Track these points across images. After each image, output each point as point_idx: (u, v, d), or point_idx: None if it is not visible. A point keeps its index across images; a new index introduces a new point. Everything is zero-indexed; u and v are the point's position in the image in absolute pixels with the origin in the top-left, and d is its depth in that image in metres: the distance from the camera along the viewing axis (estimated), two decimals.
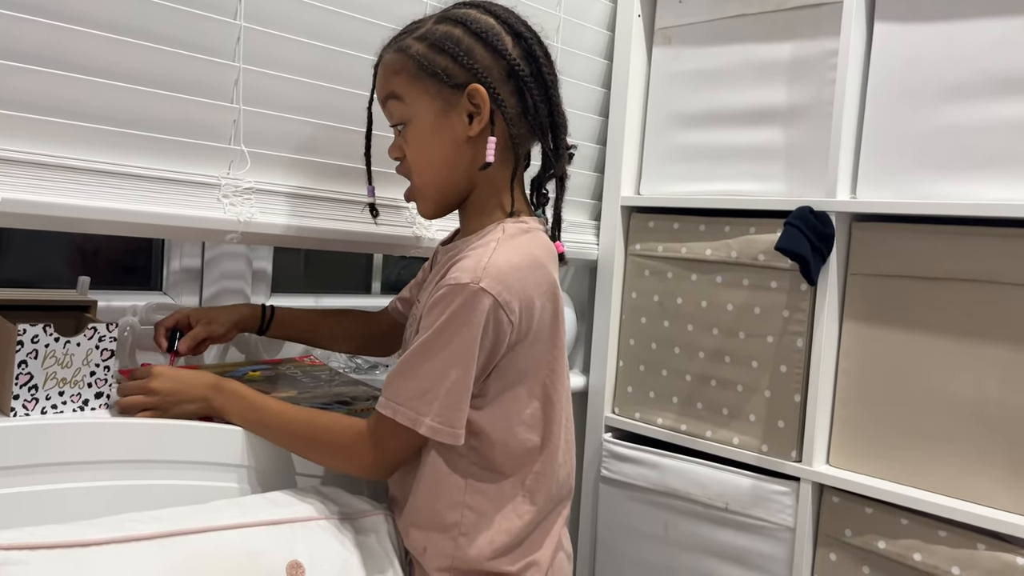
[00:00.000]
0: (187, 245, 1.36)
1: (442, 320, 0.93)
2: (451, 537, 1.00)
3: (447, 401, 0.93)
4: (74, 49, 0.95)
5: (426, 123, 1.00)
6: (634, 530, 1.54)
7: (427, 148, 1.01)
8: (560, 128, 1.05)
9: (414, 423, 0.94)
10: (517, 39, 1.01)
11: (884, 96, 1.28)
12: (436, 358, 0.93)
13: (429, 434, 0.94)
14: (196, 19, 1.04)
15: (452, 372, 0.93)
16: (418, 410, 0.94)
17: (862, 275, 1.30)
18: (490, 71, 0.98)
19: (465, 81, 0.97)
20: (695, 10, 1.53)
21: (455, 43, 0.98)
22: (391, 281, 1.79)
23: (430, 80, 0.98)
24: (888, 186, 1.28)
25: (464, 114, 0.99)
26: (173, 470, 0.98)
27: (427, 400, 0.93)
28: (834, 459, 1.32)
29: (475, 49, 0.98)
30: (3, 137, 0.91)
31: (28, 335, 0.92)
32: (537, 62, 1.02)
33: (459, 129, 0.99)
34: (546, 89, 1.02)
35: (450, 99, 0.99)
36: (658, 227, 1.54)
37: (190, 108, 1.05)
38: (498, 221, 1.02)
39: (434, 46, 0.98)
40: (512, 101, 1.00)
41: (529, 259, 0.97)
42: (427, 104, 0.99)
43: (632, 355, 1.58)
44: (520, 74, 0.99)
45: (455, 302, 0.92)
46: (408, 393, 0.94)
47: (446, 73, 0.98)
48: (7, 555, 0.78)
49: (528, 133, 1.03)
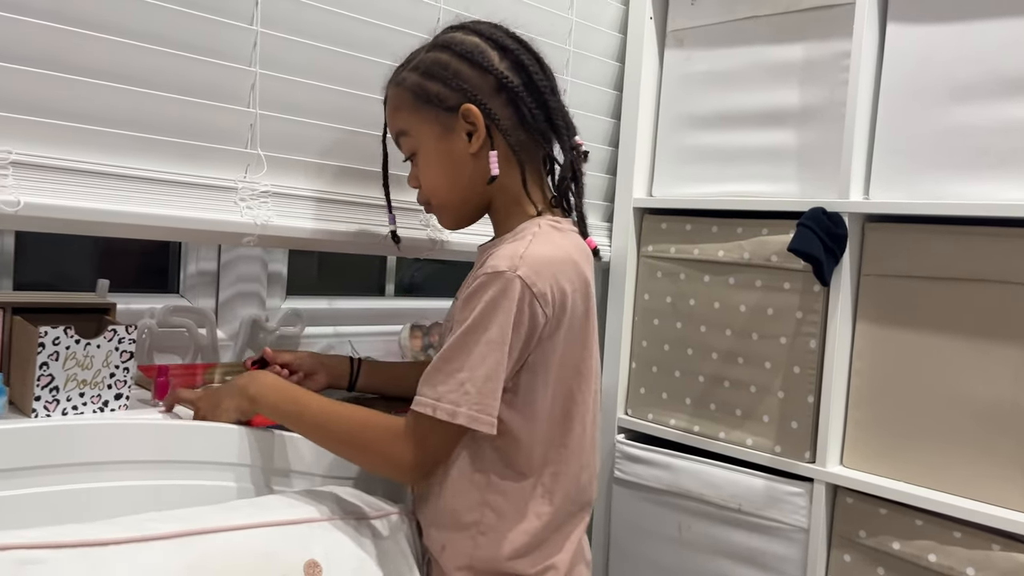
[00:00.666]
0: (203, 248, 1.38)
1: (479, 309, 0.93)
2: (470, 536, 1.01)
3: (484, 388, 0.93)
4: (93, 55, 0.96)
5: (431, 149, 1.05)
6: (648, 531, 1.54)
7: (436, 172, 1.06)
8: (561, 130, 1.07)
9: (452, 415, 0.93)
10: (503, 52, 1.04)
11: (897, 97, 1.28)
12: (474, 348, 0.93)
13: (467, 423, 0.93)
14: (213, 25, 1.06)
15: (489, 359, 0.93)
16: (456, 402, 0.93)
17: (875, 276, 1.30)
18: (480, 88, 1.01)
19: (458, 102, 1.01)
20: (707, 12, 1.53)
21: (443, 68, 1.02)
22: (404, 283, 1.80)
23: (427, 108, 1.03)
24: (901, 187, 1.27)
25: (463, 133, 1.02)
26: (192, 470, 0.99)
27: (465, 391, 0.93)
28: (848, 460, 1.32)
29: (462, 70, 1.02)
30: (24, 142, 0.92)
31: (49, 337, 0.94)
32: (526, 71, 1.04)
33: (461, 148, 1.03)
34: (540, 95, 1.05)
35: (447, 122, 1.03)
36: (670, 228, 1.54)
37: (208, 113, 1.06)
38: (532, 218, 1.04)
39: (425, 74, 1.03)
40: (507, 113, 1.03)
41: (563, 254, 0.99)
42: (429, 131, 1.04)
43: (645, 356, 1.58)
44: (510, 86, 1.02)
45: (491, 289, 0.93)
46: (446, 388, 0.94)
47: (439, 98, 1.02)
48: (27, 554, 0.79)
49: (530, 139, 1.05)
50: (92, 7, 0.96)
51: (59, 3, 0.94)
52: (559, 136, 1.07)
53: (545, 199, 1.08)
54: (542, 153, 1.08)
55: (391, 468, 1.00)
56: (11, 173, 0.90)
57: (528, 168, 1.04)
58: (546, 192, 1.09)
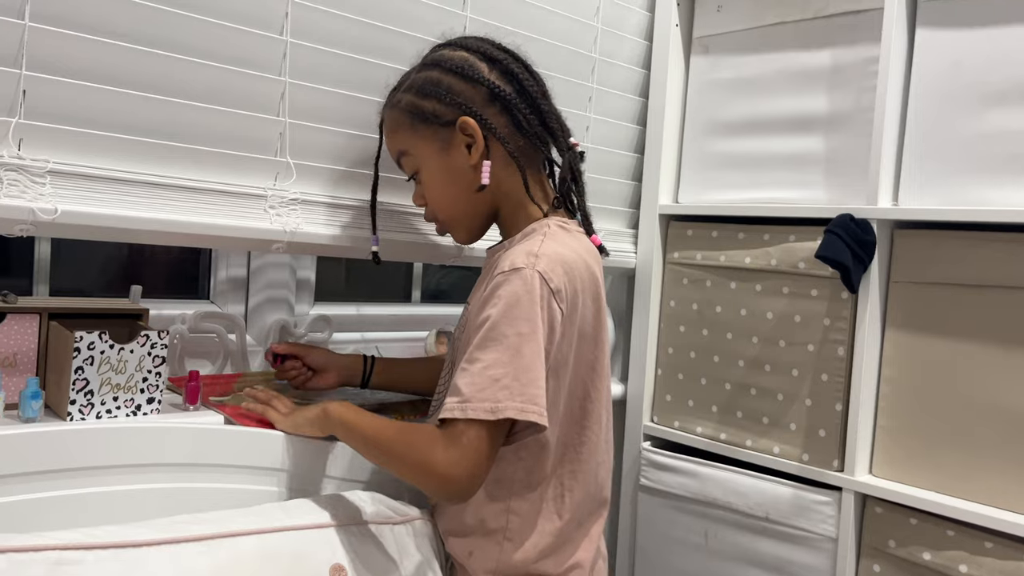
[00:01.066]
0: (233, 255, 1.40)
1: (500, 305, 0.93)
2: (496, 541, 1.01)
3: (526, 379, 0.91)
4: (127, 66, 0.98)
5: (434, 165, 1.07)
6: (674, 539, 1.53)
7: (441, 187, 1.08)
8: (556, 133, 1.09)
9: (493, 412, 0.90)
10: (492, 64, 1.06)
11: (926, 102, 1.27)
12: (503, 344, 0.92)
13: (518, 415, 0.90)
14: (244, 36, 1.07)
15: (525, 350, 0.92)
16: (495, 398, 0.90)
17: (904, 283, 1.29)
18: (473, 100, 1.03)
19: (453, 117, 1.03)
20: (733, 19, 1.53)
21: (435, 85, 1.04)
22: (431, 290, 1.81)
23: (424, 126, 1.05)
24: (931, 193, 1.26)
25: (462, 146, 1.04)
26: (222, 474, 1.00)
27: (502, 385, 0.91)
28: (877, 469, 1.31)
29: (454, 84, 1.04)
30: (61, 151, 0.94)
31: (85, 342, 0.96)
32: (517, 79, 1.06)
33: (462, 161, 1.05)
34: (532, 100, 1.07)
35: (446, 137, 1.04)
36: (696, 235, 1.54)
37: (238, 122, 1.08)
38: (539, 219, 1.06)
39: (419, 93, 1.05)
40: (502, 121, 1.05)
41: (574, 254, 1.01)
42: (429, 148, 1.06)
43: (671, 363, 1.57)
44: (501, 95, 1.04)
45: (512, 285, 0.94)
46: (476, 388, 0.91)
47: (435, 114, 1.04)
48: (63, 555, 0.81)
49: (529, 146, 1.07)
50: (127, 20, 0.98)
51: (96, 17, 0.96)
52: (555, 139, 1.09)
53: (548, 201, 1.09)
54: (541, 157, 1.10)
55: (436, 480, 0.92)
56: (49, 181, 0.92)
57: (529, 172, 1.06)
58: (549, 194, 1.11)
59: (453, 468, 0.91)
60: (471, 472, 0.91)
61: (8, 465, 0.87)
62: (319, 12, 1.14)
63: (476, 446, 0.91)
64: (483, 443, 0.91)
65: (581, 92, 1.53)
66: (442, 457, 0.91)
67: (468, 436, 0.91)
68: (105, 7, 0.96)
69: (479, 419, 0.90)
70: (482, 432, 0.91)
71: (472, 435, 0.91)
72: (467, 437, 0.91)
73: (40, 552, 0.79)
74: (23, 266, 1.28)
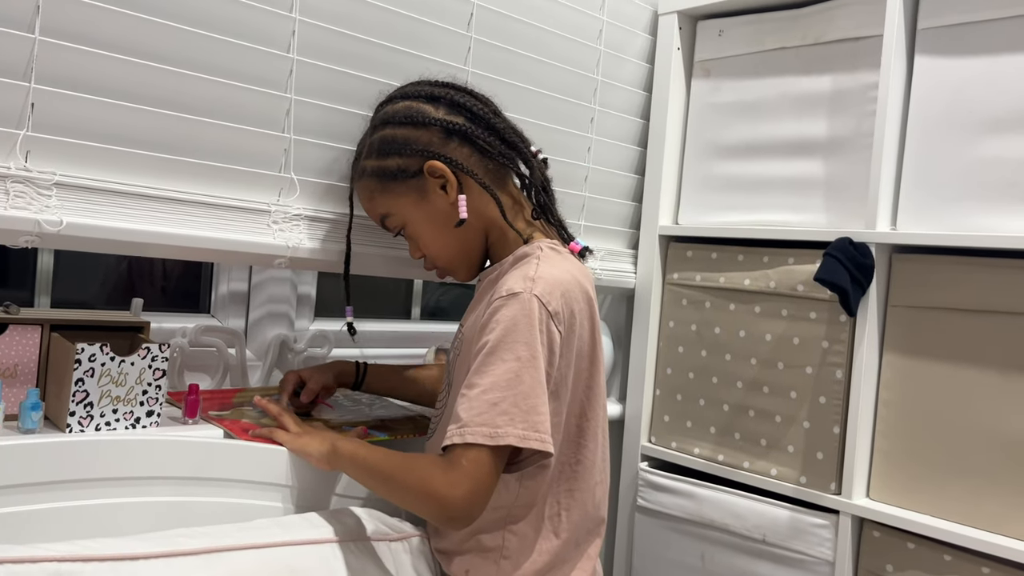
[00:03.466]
0: (235, 270, 1.40)
1: (499, 330, 0.94)
2: (493, 560, 1.01)
3: (526, 405, 0.92)
4: (134, 80, 0.99)
5: (417, 217, 1.08)
6: (670, 560, 1.53)
7: (430, 234, 1.09)
8: (518, 146, 1.10)
9: (492, 438, 0.90)
10: (435, 102, 1.08)
11: (925, 128, 1.29)
12: (500, 368, 0.93)
13: (518, 443, 0.91)
14: (252, 53, 1.09)
15: (524, 376, 0.92)
16: (493, 423, 0.91)
17: (903, 307, 1.29)
18: (431, 143, 1.05)
19: (419, 165, 1.05)
20: (734, 43, 1.54)
21: (391, 141, 1.06)
22: (430, 307, 1.82)
23: (395, 183, 1.07)
24: (929, 218, 1.27)
25: (437, 189, 1.06)
26: (220, 488, 1.00)
27: (501, 410, 0.91)
28: (875, 492, 1.31)
29: (408, 134, 1.06)
30: (66, 164, 0.95)
31: (86, 354, 0.96)
32: (464, 108, 1.08)
33: (441, 203, 1.06)
34: (486, 122, 1.08)
35: (419, 186, 1.06)
36: (696, 256, 1.55)
37: (244, 137, 1.09)
38: (532, 241, 1.07)
39: (380, 154, 1.07)
40: (465, 152, 1.06)
41: (568, 276, 1.01)
42: (407, 202, 1.08)
43: (669, 384, 1.58)
44: (455, 128, 1.06)
45: (511, 311, 0.95)
46: (473, 412, 0.92)
47: (401, 169, 1.06)
48: (61, 567, 0.81)
49: (497, 167, 1.08)
50: (136, 35, 0.99)
51: (105, 32, 0.97)
52: (518, 151, 1.10)
53: (526, 218, 1.11)
54: (510, 174, 1.11)
55: (435, 503, 0.92)
56: (55, 194, 0.93)
57: (502, 195, 1.07)
58: (526, 208, 1.12)
59: (452, 490, 0.90)
60: (470, 495, 0.91)
61: (7, 476, 0.87)
62: (325, 31, 1.16)
63: (475, 470, 0.91)
64: (482, 467, 0.91)
65: (583, 114, 1.54)
66: (441, 480, 0.91)
67: (467, 459, 0.91)
68: (114, 23, 0.97)
69: (477, 443, 0.91)
70: (481, 456, 0.91)
71: (471, 458, 0.91)
72: (466, 460, 0.91)
73: (38, 564, 0.79)
74: (24, 278, 1.29)
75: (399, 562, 1.04)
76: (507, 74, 1.37)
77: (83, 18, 0.95)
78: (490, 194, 1.06)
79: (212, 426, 1.08)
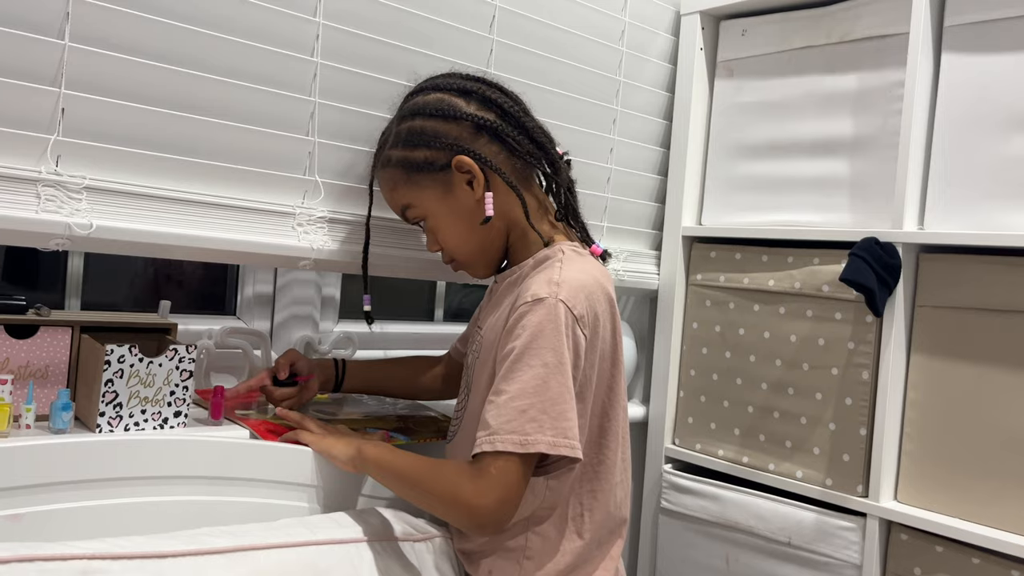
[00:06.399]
0: (260, 272, 1.41)
1: (525, 336, 0.94)
2: (515, 560, 1.01)
3: (555, 412, 0.92)
4: (162, 85, 1.01)
5: (440, 210, 1.07)
6: (694, 563, 1.52)
7: (452, 229, 1.08)
8: (545, 145, 1.09)
9: (522, 445, 0.91)
10: (467, 96, 1.06)
11: (952, 126, 1.27)
12: (528, 375, 0.93)
13: (549, 450, 0.91)
14: (277, 57, 1.10)
15: (552, 383, 0.93)
16: (523, 431, 0.91)
17: (930, 307, 1.28)
18: (460, 137, 1.04)
19: (447, 159, 1.04)
20: (758, 43, 1.53)
21: (420, 133, 1.05)
22: (453, 308, 1.82)
23: (421, 175, 1.05)
24: (957, 217, 1.26)
25: (463, 184, 1.05)
26: (247, 488, 1.01)
27: (529, 417, 0.91)
28: (902, 495, 1.29)
29: (438, 127, 1.04)
30: (95, 168, 0.96)
31: (115, 355, 0.98)
32: (496, 104, 1.07)
33: (466, 199, 1.05)
34: (516, 120, 1.07)
35: (445, 180, 1.05)
36: (720, 257, 1.54)
37: (269, 141, 1.10)
38: (553, 244, 1.06)
39: (407, 145, 1.06)
40: (494, 149, 1.05)
41: (591, 279, 1.01)
42: (431, 195, 1.06)
43: (693, 386, 1.57)
44: (486, 124, 1.05)
45: (537, 316, 0.94)
46: (502, 420, 0.92)
47: (428, 162, 1.05)
48: (90, 564, 0.82)
49: (524, 166, 1.08)
50: (164, 41, 1.01)
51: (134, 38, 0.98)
52: (545, 152, 1.09)
53: (549, 219, 1.10)
54: (535, 174, 1.11)
55: (464, 511, 0.93)
56: (85, 197, 0.95)
57: (527, 194, 1.07)
58: (549, 209, 1.11)
59: (480, 498, 0.91)
60: (499, 502, 0.91)
61: (38, 475, 0.88)
62: (349, 34, 1.16)
63: (504, 477, 0.91)
64: (511, 475, 0.92)
65: (605, 115, 1.54)
66: (470, 488, 0.92)
67: (496, 467, 0.91)
68: (142, 28, 0.99)
69: (507, 451, 0.91)
70: (510, 464, 0.92)
71: (500, 466, 0.91)
72: (495, 468, 0.91)
73: (68, 561, 0.80)
74: (55, 280, 1.31)
75: (422, 562, 1.05)
76: (529, 76, 1.38)
77: (112, 24, 0.97)
78: (516, 194, 1.05)
79: (238, 426, 1.09)
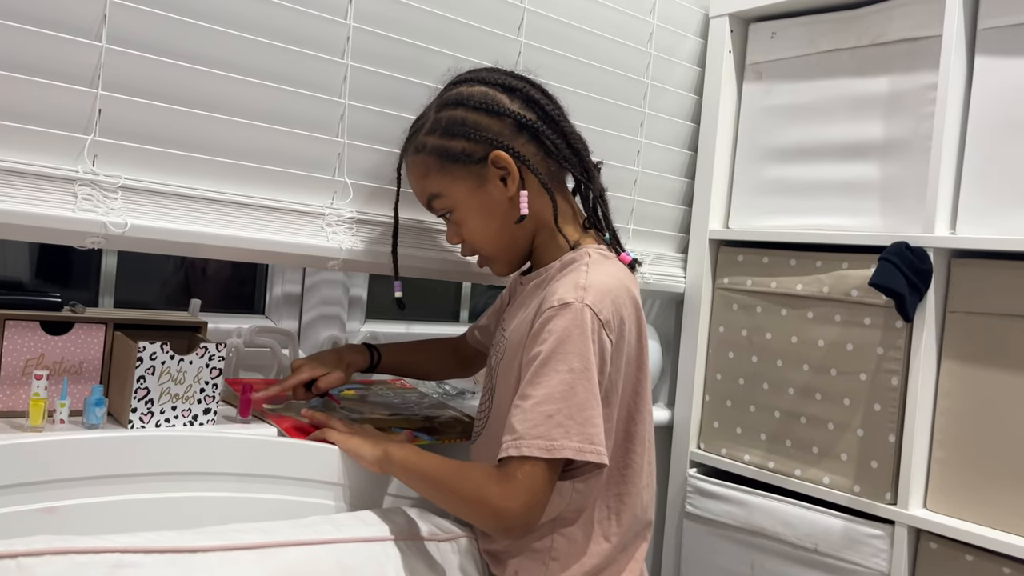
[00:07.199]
0: (288, 272, 1.43)
1: (551, 341, 0.94)
2: (541, 562, 1.01)
3: (581, 417, 0.92)
4: (196, 87, 1.02)
5: (470, 203, 1.07)
6: (719, 568, 1.51)
7: (480, 224, 1.08)
8: (581, 152, 1.09)
9: (549, 450, 0.91)
10: (512, 93, 1.06)
11: (985, 130, 1.25)
12: (554, 380, 0.93)
13: (575, 455, 0.92)
14: (308, 59, 1.11)
15: (578, 388, 0.93)
16: (549, 436, 0.92)
17: (962, 312, 1.26)
18: (501, 133, 1.04)
19: (485, 153, 1.03)
20: (788, 46, 1.53)
21: (461, 123, 1.04)
22: (478, 309, 1.83)
23: (455, 166, 1.05)
24: (989, 222, 1.24)
25: (497, 180, 1.04)
26: (274, 485, 1.02)
27: (556, 422, 0.92)
28: (931, 503, 1.28)
29: (480, 120, 1.04)
30: (132, 168, 0.98)
31: (147, 352, 0.99)
32: (538, 105, 1.06)
33: (498, 195, 1.05)
34: (556, 124, 1.07)
35: (479, 173, 1.04)
36: (747, 261, 1.53)
37: (300, 142, 1.12)
38: (579, 247, 1.06)
39: (446, 134, 1.05)
40: (532, 149, 1.05)
41: (617, 282, 1.01)
42: (463, 187, 1.06)
43: (719, 390, 1.56)
44: (527, 123, 1.05)
45: (563, 321, 0.95)
46: (529, 424, 0.92)
47: (465, 153, 1.04)
48: (122, 557, 0.83)
49: (558, 169, 1.08)
50: (198, 43, 1.02)
51: (169, 40, 1.00)
52: (580, 158, 1.09)
53: (578, 224, 1.10)
54: (567, 178, 1.11)
55: (490, 514, 0.94)
56: (120, 197, 0.96)
57: (559, 197, 1.06)
58: (578, 215, 1.11)
59: (507, 502, 0.92)
60: (526, 506, 0.92)
61: (71, 469, 0.90)
62: (378, 36, 1.17)
63: (530, 482, 0.92)
64: (538, 479, 0.92)
65: (633, 117, 1.54)
66: (496, 492, 0.92)
67: (523, 471, 0.92)
68: (177, 30, 1.00)
69: (533, 456, 0.91)
70: (537, 468, 0.92)
71: (527, 470, 0.92)
72: (521, 472, 0.92)
73: (100, 554, 0.82)
74: (88, 278, 1.33)
75: (447, 562, 1.05)
76: (557, 78, 1.37)
77: (147, 27, 0.98)
78: (548, 195, 1.05)
79: (266, 424, 1.10)
